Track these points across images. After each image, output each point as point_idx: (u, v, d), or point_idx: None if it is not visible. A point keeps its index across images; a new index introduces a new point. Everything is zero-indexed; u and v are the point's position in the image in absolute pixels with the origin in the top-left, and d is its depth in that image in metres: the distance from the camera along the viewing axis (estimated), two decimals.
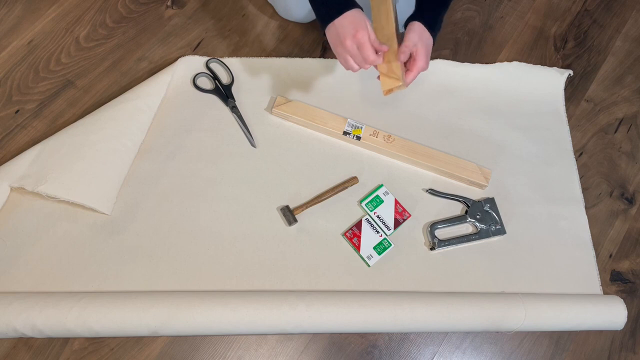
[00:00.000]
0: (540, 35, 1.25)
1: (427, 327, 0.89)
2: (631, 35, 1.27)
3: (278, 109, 1.04)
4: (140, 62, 1.11)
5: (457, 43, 1.21)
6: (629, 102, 1.20)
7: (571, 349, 0.97)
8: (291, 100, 1.06)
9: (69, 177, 0.91)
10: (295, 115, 1.04)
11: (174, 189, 0.99)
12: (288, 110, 1.05)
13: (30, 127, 1.03)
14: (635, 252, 1.06)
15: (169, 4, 1.18)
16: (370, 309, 0.87)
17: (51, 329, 0.82)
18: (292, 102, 1.06)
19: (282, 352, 0.92)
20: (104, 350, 0.89)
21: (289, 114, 1.04)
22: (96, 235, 0.94)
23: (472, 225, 1.02)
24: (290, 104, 1.05)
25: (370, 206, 1.00)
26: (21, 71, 1.08)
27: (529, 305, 0.90)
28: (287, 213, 0.97)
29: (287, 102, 1.05)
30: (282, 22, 1.18)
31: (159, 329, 0.83)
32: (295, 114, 1.04)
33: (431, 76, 1.14)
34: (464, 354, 0.95)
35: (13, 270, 0.90)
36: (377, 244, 0.97)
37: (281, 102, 1.05)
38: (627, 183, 1.12)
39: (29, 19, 1.13)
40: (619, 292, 1.02)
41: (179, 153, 1.02)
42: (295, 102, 1.06)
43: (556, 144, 1.12)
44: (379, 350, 0.93)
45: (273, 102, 1.06)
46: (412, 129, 1.08)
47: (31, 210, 0.94)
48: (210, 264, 0.93)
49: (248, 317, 0.84)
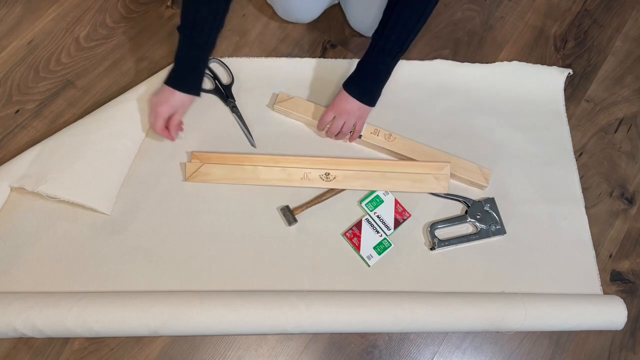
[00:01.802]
0: (540, 35, 1.25)
1: (427, 327, 0.89)
2: (631, 35, 1.27)
3: (280, 105, 1.04)
4: (140, 62, 1.11)
5: (457, 43, 1.21)
6: (629, 102, 1.20)
7: (571, 349, 0.97)
8: (293, 97, 1.06)
9: (69, 177, 0.91)
10: (297, 112, 1.04)
11: (174, 189, 0.99)
12: (290, 106, 1.05)
13: (30, 127, 1.03)
14: (635, 252, 1.06)
15: (169, 4, 1.18)
16: (370, 309, 0.87)
17: (51, 329, 0.82)
18: (294, 98, 1.05)
19: (282, 352, 0.92)
20: (104, 350, 0.89)
21: (290, 111, 1.04)
22: (96, 235, 0.94)
23: (472, 225, 1.02)
24: (292, 100, 1.05)
25: (370, 206, 1.00)
26: (21, 71, 1.08)
27: (529, 305, 0.90)
28: (287, 213, 0.97)
29: (289, 98, 1.05)
30: (282, 22, 1.18)
31: (159, 329, 0.83)
32: (297, 111, 1.04)
33: (431, 76, 1.14)
34: (464, 354, 0.95)
35: (13, 270, 0.90)
36: (377, 244, 0.97)
37: (283, 99, 1.05)
38: (627, 183, 1.11)
39: (29, 19, 1.13)
40: (619, 292, 1.02)
41: (179, 153, 1.02)
42: (296, 99, 1.06)
43: (556, 144, 1.12)
44: (379, 350, 0.93)
45: (275, 98, 1.06)
46: (413, 129, 1.08)
47: (31, 210, 0.95)
48: (210, 264, 0.93)
49: (248, 317, 0.84)
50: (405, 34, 0.91)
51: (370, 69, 0.96)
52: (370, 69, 0.96)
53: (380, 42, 0.92)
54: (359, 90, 0.97)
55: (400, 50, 0.93)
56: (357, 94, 0.97)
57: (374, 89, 0.99)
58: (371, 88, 0.98)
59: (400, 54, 0.94)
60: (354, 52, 1.17)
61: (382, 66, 0.96)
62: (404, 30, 0.91)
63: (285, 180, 0.99)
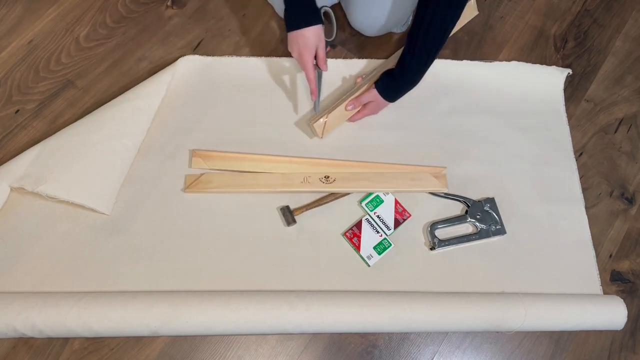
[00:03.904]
0: (540, 35, 1.25)
1: (427, 327, 0.89)
2: (631, 35, 1.27)
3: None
4: (140, 62, 1.11)
5: (457, 43, 1.21)
6: (629, 102, 1.20)
7: (571, 349, 0.97)
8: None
9: (69, 177, 0.91)
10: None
11: (174, 189, 0.99)
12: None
13: (30, 127, 1.03)
14: (635, 252, 1.06)
15: (169, 4, 1.18)
16: (370, 309, 0.87)
17: (51, 329, 0.82)
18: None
19: (282, 352, 0.92)
20: (104, 350, 0.89)
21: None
22: (96, 235, 0.94)
23: (472, 225, 1.02)
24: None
25: (370, 206, 1.00)
26: (21, 71, 1.08)
27: (529, 305, 0.90)
28: (286, 213, 0.97)
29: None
30: (282, 22, 1.18)
31: (159, 329, 0.83)
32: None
33: (431, 76, 1.13)
34: (464, 354, 0.95)
35: (13, 270, 0.90)
36: (377, 244, 0.97)
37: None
38: (627, 183, 1.11)
39: (29, 19, 1.13)
40: (619, 292, 1.02)
41: (179, 153, 1.02)
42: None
43: (556, 144, 1.12)
44: (379, 350, 0.93)
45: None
46: (413, 129, 1.08)
47: (31, 210, 0.94)
48: (210, 264, 0.93)
49: (248, 317, 0.84)
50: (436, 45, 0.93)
51: (406, 75, 0.99)
52: (406, 74, 0.99)
53: (417, 51, 0.93)
54: (390, 91, 1.02)
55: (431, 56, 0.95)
56: (388, 95, 1.03)
57: (405, 91, 1.04)
58: (403, 91, 1.04)
59: (431, 61, 0.96)
60: (354, 52, 1.17)
61: (420, 74, 0.99)
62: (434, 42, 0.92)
63: (285, 185, 0.99)
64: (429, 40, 0.91)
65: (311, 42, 0.94)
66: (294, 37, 0.95)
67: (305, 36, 0.94)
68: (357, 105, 1.04)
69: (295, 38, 0.95)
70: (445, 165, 1.05)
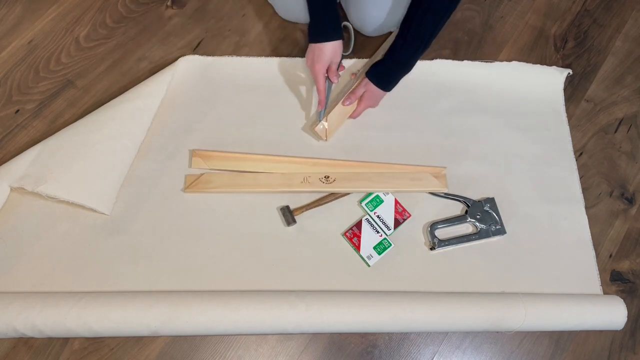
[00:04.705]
0: (540, 35, 1.25)
1: (427, 327, 0.89)
2: (631, 35, 1.27)
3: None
4: (140, 62, 1.11)
5: (457, 43, 1.21)
6: (629, 102, 1.20)
7: (571, 349, 0.97)
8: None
9: (69, 177, 0.91)
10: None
11: (174, 189, 0.99)
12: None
13: (30, 127, 1.03)
14: (635, 252, 1.06)
15: (169, 4, 1.18)
16: (370, 309, 0.87)
17: (51, 329, 0.82)
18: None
19: (282, 352, 0.92)
20: (104, 350, 0.89)
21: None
22: (96, 235, 0.94)
23: (472, 225, 1.02)
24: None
25: (370, 206, 1.00)
26: (21, 71, 1.08)
27: (529, 305, 0.90)
28: (286, 213, 0.97)
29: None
30: (282, 22, 1.18)
31: (159, 329, 0.83)
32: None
33: (431, 76, 1.14)
34: (464, 354, 0.95)
35: (13, 270, 0.90)
36: (377, 244, 0.97)
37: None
38: (627, 183, 1.11)
39: (29, 19, 1.13)
40: (619, 292, 1.02)
41: (179, 153, 1.02)
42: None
43: (556, 144, 1.12)
44: (379, 350, 0.93)
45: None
46: (413, 129, 1.08)
47: (31, 210, 0.95)
48: (210, 264, 0.93)
49: (248, 317, 0.84)
50: (429, 33, 0.93)
51: (397, 61, 0.99)
52: (397, 61, 0.99)
53: (408, 37, 0.93)
54: (382, 78, 1.02)
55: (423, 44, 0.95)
56: (380, 82, 1.02)
57: (397, 78, 1.03)
58: (395, 78, 1.03)
59: (423, 49, 0.96)
60: (354, 52, 1.17)
61: (412, 61, 0.99)
62: (427, 30, 0.93)
63: (285, 185, 0.99)
64: (422, 29, 0.92)
65: (327, 56, 0.98)
66: (312, 48, 0.99)
67: (323, 50, 0.97)
68: (353, 100, 1.04)
69: (313, 49, 0.98)
70: (445, 165, 1.05)
